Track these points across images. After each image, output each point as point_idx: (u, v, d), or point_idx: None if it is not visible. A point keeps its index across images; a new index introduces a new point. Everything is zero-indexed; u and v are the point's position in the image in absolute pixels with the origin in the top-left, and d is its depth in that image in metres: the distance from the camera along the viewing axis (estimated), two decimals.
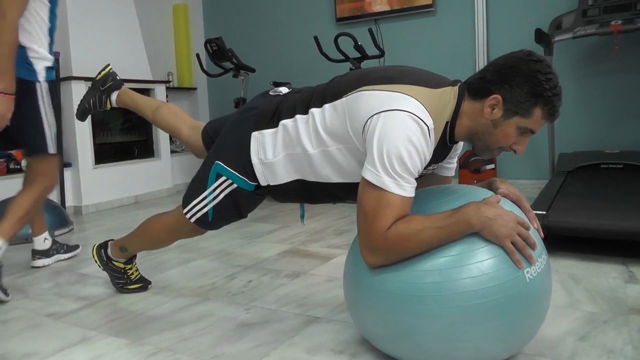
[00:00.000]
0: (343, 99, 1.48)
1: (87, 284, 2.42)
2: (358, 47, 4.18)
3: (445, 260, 1.30)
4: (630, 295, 1.95)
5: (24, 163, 4.06)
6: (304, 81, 5.36)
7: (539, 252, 1.36)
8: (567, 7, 4.21)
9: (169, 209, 2.03)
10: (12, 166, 4.04)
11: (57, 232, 3.48)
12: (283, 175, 1.64)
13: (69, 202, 4.31)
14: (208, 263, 2.67)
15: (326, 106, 1.52)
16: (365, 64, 4.41)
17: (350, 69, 4.30)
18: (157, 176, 5.00)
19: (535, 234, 1.38)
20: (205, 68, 5.12)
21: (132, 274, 2.26)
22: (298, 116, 1.58)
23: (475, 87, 1.42)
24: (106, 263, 2.22)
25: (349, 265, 1.53)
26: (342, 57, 4.34)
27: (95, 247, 2.25)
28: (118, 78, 2.26)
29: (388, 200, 1.31)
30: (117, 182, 4.62)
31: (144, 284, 2.27)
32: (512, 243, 1.28)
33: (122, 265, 2.22)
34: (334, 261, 2.60)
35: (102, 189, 4.48)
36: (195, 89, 6.22)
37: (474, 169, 4.32)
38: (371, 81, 1.46)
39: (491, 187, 1.53)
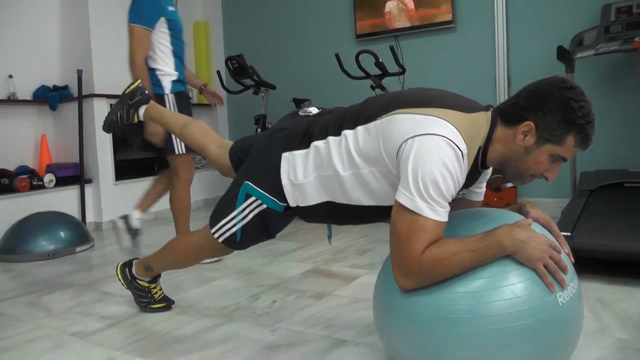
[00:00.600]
0: (377, 122, 1.48)
1: (110, 303, 2.43)
2: (379, 65, 4.18)
3: (477, 282, 1.29)
4: None
5: (47, 179, 4.10)
6: (324, 98, 5.39)
7: (571, 277, 1.35)
8: (589, 23, 4.19)
9: (190, 226, 2.03)
10: (35, 182, 4.07)
11: (78, 249, 3.52)
12: (313, 197, 1.64)
13: (90, 218, 4.34)
14: (231, 282, 2.67)
15: (359, 128, 1.52)
16: (386, 82, 4.41)
17: (371, 86, 4.31)
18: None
19: (566, 259, 1.36)
20: (225, 85, 5.16)
21: (156, 292, 2.26)
22: (330, 138, 1.58)
23: (508, 113, 1.42)
24: (130, 282, 2.23)
25: (379, 287, 1.52)
26: (363, 74, 4.35)
27: (120, 265, 2.26)
28: (147, 92, 2.27)
29: (422, 225, 1.30)
30: (138, 198, 4.64)
31: (167, 304, 2.27)
32: (545, 266, 1.28)
33: (146, 284, 2.22)
34: (358, 281, 2.58)
35: (123, 205, 4.49)
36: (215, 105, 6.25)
37: (495, 187, 4.29)
38: (405, 104, 1.45)
39: (521, 211, 1.52)
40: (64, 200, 4.17)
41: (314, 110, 1.78)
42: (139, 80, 2.30)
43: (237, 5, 6.24)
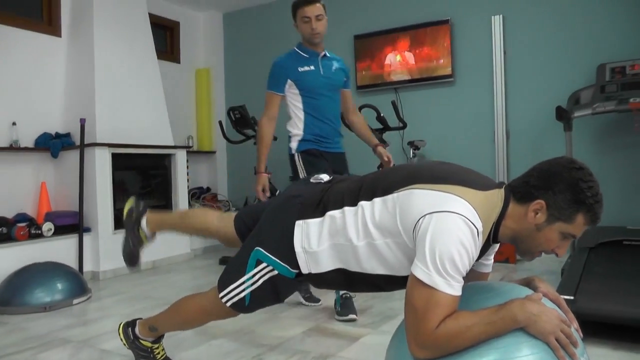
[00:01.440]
0: (394, 194, 1.51)
1: None
2: (381, 119, 4.25)
3: (492, 353, 1.32)
4: None
5: (45, 227, 4.08)
6: None
7: (581, 351, 1.37)
8: (585, 80, 4.29)
9: (187, 275, 2.03)
10: (33, 231, 4.05)
11: (75, 301, 3.47)
12: (326, 264, 1.65)
13: (87, 267, 4.30)
14: (231, 342, 2.63)
15: (376, 200, 1.54)
16: (387, 136, 4.47)
17: None
18: (175, 241, 4.99)
19: (575, 334, 1.38)
20: (226, 134, 5.20)
21: (159, 353, 2.23)
22: (346, 208, 1.60)
23: (520, 192, 1.46)
24: (133, 341, 2.20)
25: (392, 353, 1.53)
26: None
27: (122, 325, 2.23)
28: (140, 203, 2.29)
29: (439, 300, 1.32)
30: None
31: None
32: (556, 339, 1.30)
33: (149, 344, 2.19)
34: (361, 341, 2.55)
35: (121, 255, 4.47)
36: (215, 152, 6.30)
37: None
38: (422, 179, 1.49)
39: (530, 285, 1.54)
40: (62, 249, 4.13)
41: (325, 177, 1.81)
42: (130, 199, 2.32)
43: (240, 53, 6.35)
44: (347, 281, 1.67)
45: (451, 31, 4.92)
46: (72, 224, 4.29)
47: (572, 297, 2.51)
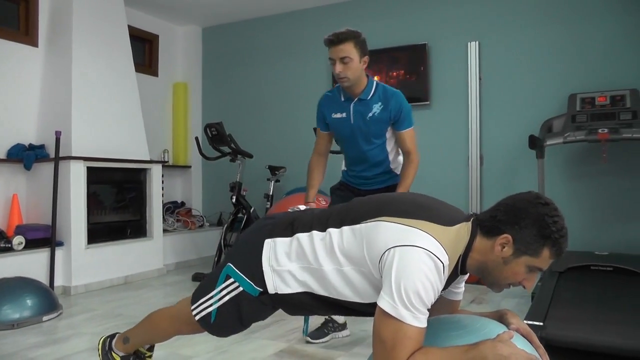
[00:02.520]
0: (362, 225, 1.54)
1: None
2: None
3: None
4: None
5: (16, 241, 4.02)
6: (300, 166, 5.45)
7: None
8: (557, 109, 4.42)
9: (159, 292, 2.02)
10: (3, 244, 3.98)
11: (45, 318, 3.41)
12: (292, 285, 1.67)
13: (58, 282, 4.23)
14: None
15: (344, 228, 1.59)
16: None
17: None
18: (148, 256, 4.96)
19: None
20: (202, 150, 5.20)
21: None
22: (314, 232, 1.64)
23: (487, 226, 1.50)
24: (106, 352, 2.18)
25: None
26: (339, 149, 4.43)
27: (104, 337, 2.22)
28: (112, 334, 2.24)
29: (405, 332, 1.35)
30: (109, 262, 4.58)
31: None
32: None
33: (118, 359, 2.15)
34: None
35: (93, 269, 4.43)
36: (190, 167, 6.28)
37: None
38: (390, 212, 1.52)
39: (502, 320, 1.58)
40: (33, 263, 4.06)
41: (302, 207, 1.84)
42: (100, 339, 2.26)
43: (218, 69, 6.36)
44: (314, 305, 1.70)
45: (428, 55, 5.01)
46: (44, 238, 4.23)
47: (541, 324, 2.57)
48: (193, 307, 1.82)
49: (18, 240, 4.06)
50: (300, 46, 5.71)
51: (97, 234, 4.58)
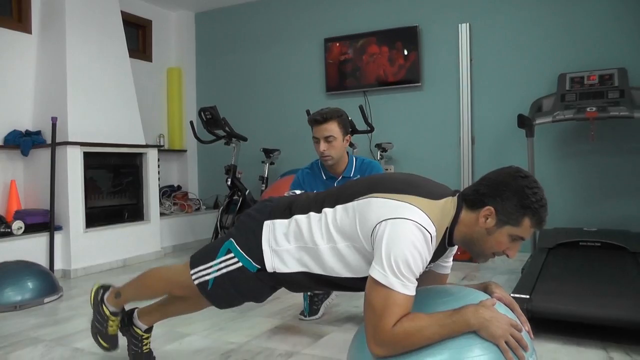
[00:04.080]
0: (354, 202, 1.64)
1: None
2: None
3: (445, 353, 1.43)
4: None
5: (15, 226, 4.08)
6: (294, 149, 5.52)
7: (530, 353, 1.48)
8: (547, 88, 4.47)
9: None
10: (2, 229, 4.05)
11: (46, 299, 3.49)
12: (290, 265, 1.76)
13: (58, 265, 4.31)
14: (202, 339, 2.71)
15: (338, 207, 1.69)
16: (355, 139, 4.57)
17: None
18: (146, 239, 5.04)
19: (526, 336, 1.49)
20: (197, 134, 5.25)
21: (111, 326, 2.20)
22: (312, 213, 1.74)
23: (471, 199, 1.58)
24: (97, 303, 2.23)
25: (353, 353, 1.64)
26: None
27: (98, 285, 2.27)
28: (106, 285, 2.29)
29: (395, 299, 1.44)
30: (107, 245, 4.65)
31: (111, 346, 2.23)
32: (506, 343, 1.41)
33: (107, 313, 2.20)
34: (326, 339, 2.66)
35: (92, 253, 4.50)
36: (185, 151, 6.34)
37: None
38: (381, 189, 1.62)
39: (486, 290, 1.67)
40: (33, 247, 4.13)
41: (298, 192, 1.94)
42: (95, 284, 2.30)
43: (211, 54, 6.39)
44: (311, 283, 1.79)
45: (419, 38, 5.05)
46: (43, 222, 4.29)
47: (528, 296, 2.66)
48: (193, 271, 1.90)
49: (17, 225, 4.12)
50: (293, 30, 5.73)
51: (95, 218, 4.65)
